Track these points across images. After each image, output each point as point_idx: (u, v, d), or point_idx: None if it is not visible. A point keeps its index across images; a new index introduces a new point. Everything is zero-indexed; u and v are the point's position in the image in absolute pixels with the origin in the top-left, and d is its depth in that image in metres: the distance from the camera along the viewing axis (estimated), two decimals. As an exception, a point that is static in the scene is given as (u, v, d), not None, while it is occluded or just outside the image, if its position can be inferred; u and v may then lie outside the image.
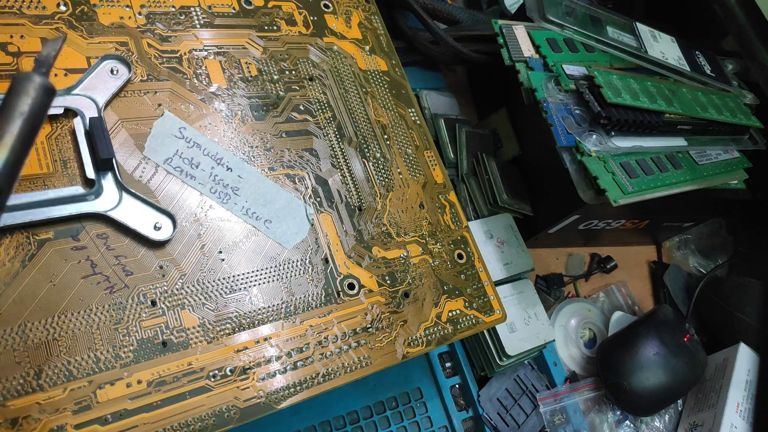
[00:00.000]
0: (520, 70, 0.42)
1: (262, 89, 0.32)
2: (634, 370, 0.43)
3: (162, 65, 0.29)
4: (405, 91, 0.38)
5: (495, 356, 0.41)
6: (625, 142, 0.41)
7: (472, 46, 0.49)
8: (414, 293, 0.31)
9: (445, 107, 0.51)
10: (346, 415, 0.38)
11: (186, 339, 0.25)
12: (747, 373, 0.46)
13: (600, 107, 0.40)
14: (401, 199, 0.34)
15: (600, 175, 0.38)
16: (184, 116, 0.29)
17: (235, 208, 0.28)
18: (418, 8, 0.47)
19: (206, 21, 0.32)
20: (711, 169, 0.45)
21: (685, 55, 0.51)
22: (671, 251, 0.58)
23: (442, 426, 0.41)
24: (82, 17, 0.28)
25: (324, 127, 0.33)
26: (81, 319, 0.23)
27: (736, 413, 0.43)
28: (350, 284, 0.30)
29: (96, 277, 0.24)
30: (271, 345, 0.26)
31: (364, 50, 0.37)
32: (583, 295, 0.53)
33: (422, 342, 0.30)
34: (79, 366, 0.23)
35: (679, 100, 0.45)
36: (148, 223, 0.25)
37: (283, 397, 0.26)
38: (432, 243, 0.33)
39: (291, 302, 0.28)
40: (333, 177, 0.32)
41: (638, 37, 0.49)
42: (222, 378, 0.25)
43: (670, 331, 0.46)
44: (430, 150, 0.37)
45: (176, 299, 0.25)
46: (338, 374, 0.27)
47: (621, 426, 0.46)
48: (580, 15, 0.48)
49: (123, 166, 0.26)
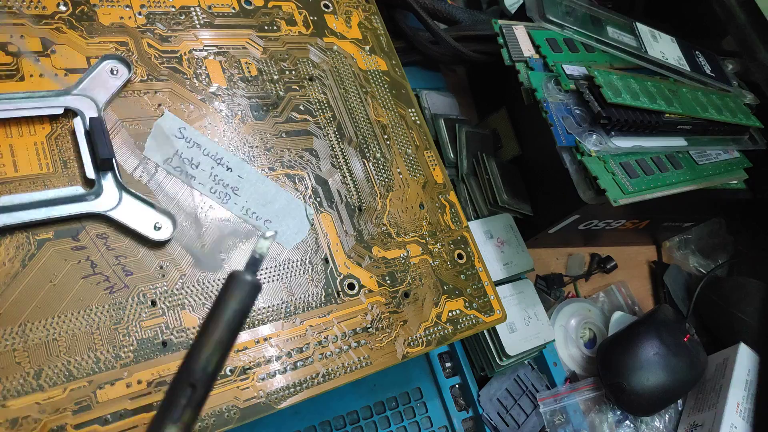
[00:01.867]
0: (520, 70, 0.42)
1: (262, 89, 0.32)
2: (634, 370, 0.43)
3: (162, 65, 0.29)
4: (405, 91, 0.38)
5: (495, 356, 0.41)
6: (625, 142, 0.41)
7: (472, 46, 0.49)
8: (414, 293, 0.31)
9: (445, 107, 0.51)
10: (346, 415, 0.38)
11: (186, 339, 0.25)
12: (747, 373, 0.46)
13: (600, 107, 0.40)
14: (401, 199, 0.34)
15: (600, 175, 0.38)
16: (184, 116, 0.29)
17: (235, 208, 0.28)
18: (418, 8, 0.47)
19: (206, 21, 0.32)
20: (711, 169, 0.45)
21: (685, 55, 0.51)
22: (671, 251, 0.58)
23: (442, 426, 0.41)
24: (82, 17, 0.28)
25: (324, 127, 0.33)
26: (81, 319, 0.23)
27: (736, 413, 0.43)
28: (350, 284, 0.30)
29: (96, 277, 0.24)
30: (271, 345, 0.26)
31: (364, 50, 0.37)
32: (583, 295, 0.53)
33: (422, 342, 0.30)
34: (79, 366, 0.23)
35: (679, 100, 0.45)
36: (148, 223, 0.25)
37: (283, 397, 0.26)
38: (432, 243, 0.33)
39: (291, 302, 0.28)
40: (333, 177, 0.32)
41: (638, 37, 0.49)
42: (222, 378, 0.25)
43: (670, 331, 0.46)
44: (430, 150, 0.37)
45: (176, 299, 0.25)
46: (338, 374, 0.27)
47: (621, 426, 0.46)
48: (580, 15, 0.48)
49: (123, 166, 0.26)
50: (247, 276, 0.20)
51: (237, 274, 0.20)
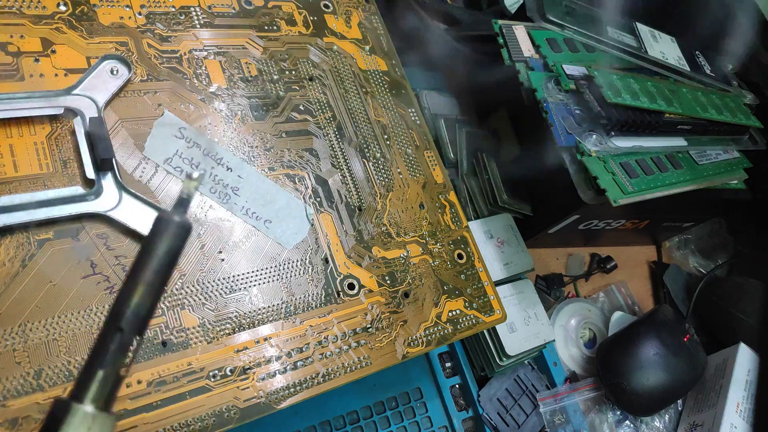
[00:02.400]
0: (520, 70, 0.42)
1: (262, 89, 0.32)
2: (634, 370, 0.43)
3: (162, 65, 0.29)
4: (405, 91, 0.38)
5: (495, 356, 0.41)
6: (625, 142, 0.41)
7: (472, 46, 0.49)
8: (414, 293, 0.31)
9: (445, 107, 0.51)
10: (346, 415, 0.38)
11: (186, 339, 0.25)
12: (747, 373, 0.46)
13: (600, 107, 0.40)
14: (401, 199, 0.34)
15: (600, 175, 0.38)
16: (184, 116, 0.29)
17: (235, 208, 0.28)
18: (418, 8, 0.47)
19: (206, 21, 0.32)
20: (711, 169, 0.45)
21: (685, 55, 0.51)
22: (671, 251, 0.58)
23: (442, 426, 0.41)
24: (82, 17, 0.28)
25: (324, 127, 0.33)
26: (81, 319, 0.23)
27: (736, 413, 0.43)
28: (350, 284, 0.30)
29: (96, 277, 0.24)
30: (271, 345, 0.26)
31: (364, 50, 0.37)
32: (583, 295, 0.53)
33: (422, 342, 0.30)
34: (79, 366, 0.23)
35: (679, 100, 0.45)
36: (148, 223, 0.25)
37: (283, 397, 0.26)
38: (432, 243, 0.33)
39: (291, 302, 0.28)
40: (333, 177, 0.32)
41: (638, 37, 0.49)
42: (222, 378, 0.25)
43: (670, 331, 0.46)
44: (430, 150, 0.37)
45: (176, 299, 0.25)
46: (338, 374, 0.27)
47: (621, 426, 0.46)
48: (580, 15, 0.48)
49: (123, 166, 0.26)
50: (174, 216, 0.19)
51: (164, 215, 0.19)
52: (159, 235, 0.19)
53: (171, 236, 0.19)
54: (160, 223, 0.19)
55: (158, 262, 0.19)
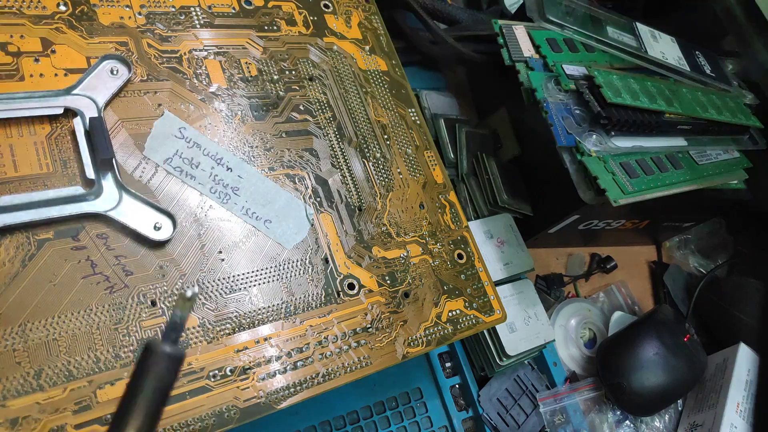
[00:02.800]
0: (520, 70, 0.42)
1: (262, 89, 0.32)
2: (634, 370, 0.43)
3: (162, 65, 0.29)
4: (405, 91, 0.38)
5: (495, 356, 0.41)
6: (625, 142, 0.41)
7: (472, 46, 0.49)
8: (414, 293, 0.31)
9: (445, 107, 0.51)
10: (346, 415, 0.38)
11: (186, 339, 0.25)
12: (747, 373, 0.46)
13: (600, 107, 0.40)
14: (401, 199, 0.34)
15: (600, 175, 0.38)
16: (184, 116, 0.29)
17: (235, 208, 0.28)
18: (418, 8, 0.47)
19: (206, 21, 0.32)
20: (711, 169, 0.45)
21: (685, 55, 0.51)
22: (671, 251, 0.58)
23: (442, 426, 0.41)
24: (82, 17, 0.28)
25: (324, 127, 0.33)
26: (81, 319, 0.23)
27: (736, 413, 0.43)
28: (350, 284, 0.30)
29: (96, 277, 0.24)
30: (271, 345, 0.26)
31: (364, 50, 0.37)
32: (583, 295, 0.53)
33: (422, 342, 0.30)
34: (79, 366, 0.23)
35: (679, 100, 0.45)
36: (148, 223, 0.25)
37: (283, 397, 0.26)
38: (432, 243, 0.33)
39: (291, 302, 0.28)
40: (333, 177, 0.32)
41: (638, 37, 0.49)
42: (222, 378, 0.25)
43: (670, 331, 0.46)
44: (430, 150, 0.37)
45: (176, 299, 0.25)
46: (338, 374, 0.27)
47: (621, 426, 0.46)
48: (580, 15, 0.48)
49: (123, 166, 0.26)
50: (165, 347, 0.16)
51: (153, 346, 0.16)
52: (148, 369, 0.16)
53: (161, 371, 0.16)
54: (150, 356, 0.16)
55: (147, 400, 0.16)
